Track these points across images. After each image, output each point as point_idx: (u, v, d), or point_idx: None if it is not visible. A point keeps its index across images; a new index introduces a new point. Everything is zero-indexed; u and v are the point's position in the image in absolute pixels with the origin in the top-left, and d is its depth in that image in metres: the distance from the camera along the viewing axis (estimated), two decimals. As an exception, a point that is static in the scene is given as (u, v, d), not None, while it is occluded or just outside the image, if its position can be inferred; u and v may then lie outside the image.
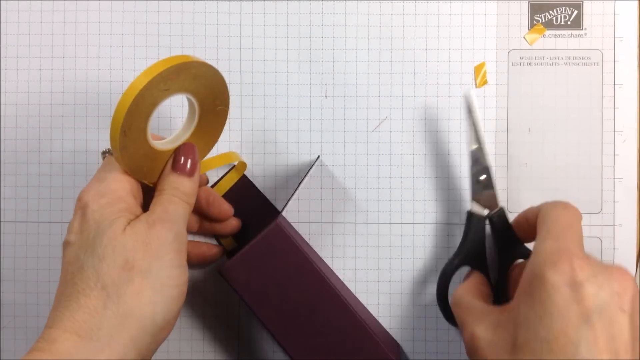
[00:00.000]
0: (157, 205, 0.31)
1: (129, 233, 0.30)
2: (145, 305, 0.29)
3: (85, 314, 0.28)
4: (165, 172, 0.33)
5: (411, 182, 0.41)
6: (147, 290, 0.29)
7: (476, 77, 0.41)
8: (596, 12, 0.41)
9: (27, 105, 0.41)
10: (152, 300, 0.29)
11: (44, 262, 0.41)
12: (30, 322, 0.41)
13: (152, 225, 0.30)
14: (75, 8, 0.41)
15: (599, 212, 0.41)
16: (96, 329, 0.28)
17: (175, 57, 0.30)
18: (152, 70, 0.29)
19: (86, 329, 0.28)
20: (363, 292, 0.41)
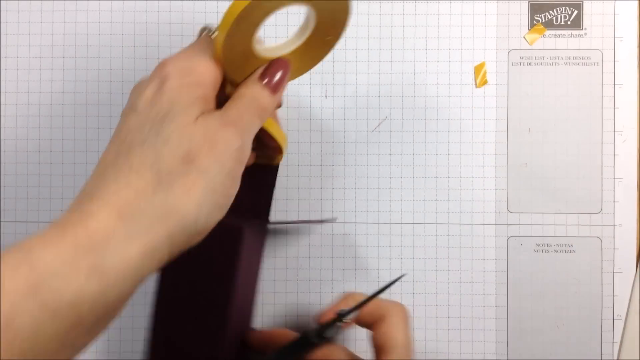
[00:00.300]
0: (232, 109, 0.29)
1: (200, 125, 0.27)
2: (192, 204, 0.26)
3: (132, 194, 0.25)
4: (251, 77, 0.31)
5: (411, 182, 0.41)
6: (198, 190, 0.26)
7: (476, 77, 0.41)
8: (596, 12, 0.41)
9: (27, 105, 0.41)
10: (200, 202, 0.27)
11: (44, 262, 0.41)
12: (30, 322, 0.41)
13: (225, 126, 0.28)
14: (75, 8, 0.41)
15: (599, 212, 0.41)
16: (138, 214, 0.25)
17: None
18: None
19: (129, 211, 0.25)
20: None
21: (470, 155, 0.41)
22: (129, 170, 0.26)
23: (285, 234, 0.41)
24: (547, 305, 0.41)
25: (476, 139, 0.41)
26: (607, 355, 0.40)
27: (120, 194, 0.25)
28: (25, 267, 0.22)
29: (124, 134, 0.27)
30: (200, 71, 0.28)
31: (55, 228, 0.24)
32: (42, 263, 0.23)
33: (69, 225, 0.24)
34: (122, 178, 0.26)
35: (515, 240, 0.41)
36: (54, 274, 0.23)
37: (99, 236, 0.24)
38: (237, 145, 0.28)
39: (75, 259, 0.23)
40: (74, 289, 0.23)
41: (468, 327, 0.41)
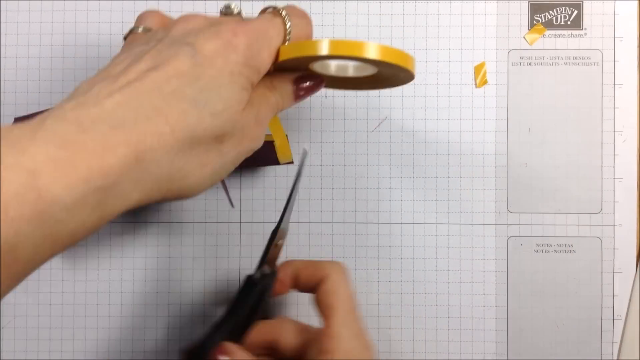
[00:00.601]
0: (263, 106, 0.29)
1: (244, 116, 0.27)
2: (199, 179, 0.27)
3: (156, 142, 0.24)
4: (288, 76, 0.31)
5: (411, 182, 0.41)
6: (209, 169, 0.27)
7: (476, 77, 0.41)
8: (596, 12, 0.41)
9: (26, 105, 0.41)
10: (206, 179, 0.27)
11: (44, 262, 0.41)
12: (30, 322, 0.41)
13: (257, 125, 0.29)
14: (75, 8, 0.41)
15: (599, 212, 0.41)
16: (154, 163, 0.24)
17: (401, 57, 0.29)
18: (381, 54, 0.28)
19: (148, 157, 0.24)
20: (363, 292, 0.41)
21: (470, 155, 0.41)
22: (164, 121, 0.24)
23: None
24: (547, 305, 0.41)
25: (476, 139, 0.41)
26: (607, 355, 0.40)
27: (146, 138, 0.24)
28: (33, 194, 0.21)
29: (171, 70, 0.25)
30: (264, 58, 0.28)
31: (64, 145, 0.22)
32: (51, 194, 0.21)
33: (81, 149, 0.22)
34: (155, 124, 0.24)
35: (515, 240, 0.41)
36: (62, 207, 0.22)
37: (113, 175, 0.23)
38: (257, 146, 0.29)
39: (84, 196, 0.22)
40: (77, 221, 0.22)
41: (468, 327, 0.41)
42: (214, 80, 0.26)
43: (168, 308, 0.41)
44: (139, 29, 0.31)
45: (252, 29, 0.27)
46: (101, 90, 0.24)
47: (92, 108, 0.23)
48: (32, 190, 0.21)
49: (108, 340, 0.41)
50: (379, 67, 0.30)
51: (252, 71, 0.27)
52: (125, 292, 0.41)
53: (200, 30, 0.27)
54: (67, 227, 0.22)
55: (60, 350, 0.41)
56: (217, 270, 0.41)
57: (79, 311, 0.41)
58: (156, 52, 0.26)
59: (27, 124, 0.22)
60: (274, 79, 0.30)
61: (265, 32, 0.28)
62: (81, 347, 0.41)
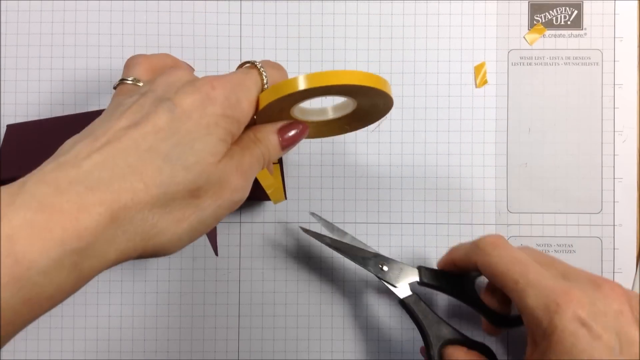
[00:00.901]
0: (246, 157, 0.29)
1: (220, 169, 0.27)
2: (176, 235, 0.27)
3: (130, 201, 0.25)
4: (271, 128, 0.31)
5: (411, 182, 0.41)
6: (187, 224, 0.27)
7: (476, 77, 0.41)
8: (596, 12, 0.41)
9: (26, 105, 0.41)
10: (183, 235, 0.27)
11: (44, 262, 0.41)
12: (30, 322, 0.41)
13: (239, 176, 0.28)
14: (75, 8, 0.41)
15: (599, 212, 0.41)
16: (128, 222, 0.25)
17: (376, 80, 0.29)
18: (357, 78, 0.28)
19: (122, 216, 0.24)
20: (363, 292, 0.41)
21: (470, 155, 0.41)
22: (138, 178, 0.25)
23: (286, 234, 0.41)
24: (547, 305, 0.41)
25: (476, 139, 0.41)
26: (607, 355, 0.40)
27: (120, 196, 0.24)
28: (10, 260, 0.22)
29: (150, 127, 0.26)
30: (243, 107, 0.28)
31: (41, 208, 0.23)
32: (28, 260, 0.22)
33: (56, 212, 0.23)
34: (129, 182, 0.25)
35: (515, 240, 0.41)
36: (38, 271, 0.22)
37: (87, 236, 0.23)
38: (239, 198, 0.29)
39: (61, 258, 0.23)
40: (55, 284, 0.23)
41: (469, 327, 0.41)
42: (189, 134, 0.26)
43: (168, 308, 0.41)
44: (127, 80, 0.31)
45: (229, 81, 0.28)
46: (81, 150, 0.25)
47: (70, 169, 0.24)
48: (9, 256, 0.21)
49: (108, 340, 0.41)
50: (356, 97, 0.31)
51: (231, 122, 0.28)
52: (125, 292, 0.41)
53: (181, 84, 0.28)
54: (45, 290, 0.23)
55: (60, 350, 0.41)
56: (217, 270, 0.41)
57: (79, 311, 0.41)
58: (138, 108, 0.27)
59: (9, 187, 0.23)
60: (257, 131, 0.31)
61: (242, 83, 0.29)
62: (81, 347, 0.41)
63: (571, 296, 0.29)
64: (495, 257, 0.32)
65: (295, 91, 0.28)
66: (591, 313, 0.28)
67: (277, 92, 0.29)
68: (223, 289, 0.41)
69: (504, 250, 0.32)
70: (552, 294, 0.29)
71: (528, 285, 0.30)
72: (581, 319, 0.28)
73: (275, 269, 0.41)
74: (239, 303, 0.41)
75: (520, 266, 0.31)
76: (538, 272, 0.31)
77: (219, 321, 0.41)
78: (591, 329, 0.28)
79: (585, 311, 0.28)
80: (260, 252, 0.41)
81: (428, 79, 0.41)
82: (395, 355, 0.41)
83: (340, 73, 0.28)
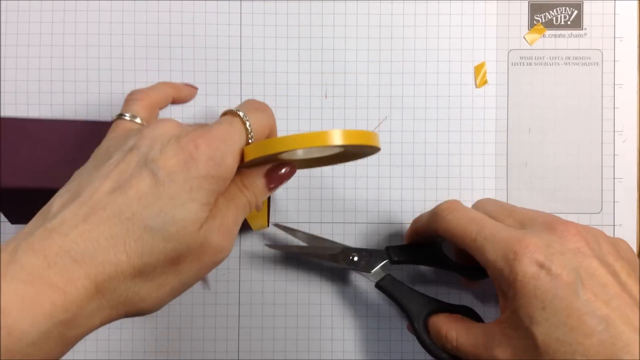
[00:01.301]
0: (231, 211, 0.30)
1: (201, 235, 0.28)
2: (157, 300, 0.28)
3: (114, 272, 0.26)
4: (258, 171, 0.31)
5: (411, 182, 0.41)
6: (168, 288, 0.28)
7: (476, 77, 0.41)
8: (596, 12, 0.41)
9: (26, 104, 0.41)
10: (164, 299, 0.28)
11: (44, 262, 0.41)
12: (30, 322, 0.41)
13: (221, 235, 0.29)
14: (75, 8, 0.41)
15: (599, 212, 0.41)
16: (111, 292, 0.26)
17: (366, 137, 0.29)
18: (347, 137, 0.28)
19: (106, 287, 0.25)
20: (363, 292, 0.41)
21: (470, 155, 0.41)
22: (121, 248, 0.26)
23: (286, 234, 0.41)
24: (547, 305, 0.41)
25: (476, 139, 0.41)
26: (607, 355, 0.40)
27: (104, 268, 0.25)
28: (3, 332, 0.23)
29: (133, 193, 0.26)
30: (227, 164, 0.28)
31: (31, 281, 0.24)
32: (19, 332, 0.23)
33: (46, 286, 0.24)
34: (113, 253, 0.25)
35: (515, 240, 0.41)
36: (28, 343, 0.23)
37: (74, 309, 0.24)
38: (222, 258, 0.29)
39: (50, 330, 0.24)
40: (43, 353, 0.24)
41: (468, 327, 0.41)
42: (172, 200, 0.26)
43: (168, 308, 0.41)
44: (125, 116, 0.32)
45: (213, 137, 0.28)
46: (66, 217, 0.26)
47: (57, 238, 0.25)
48: (3, 328, 0.23)
49: (108, 341, 0.41)
50: (345, 147, 0.30)
51: (216, 181, 0.28)
52: (125, 292, 0.41)
53: (166, 140, 0.28)
54: (33, 359, 0.24)
55: (60, 350, 0.41)
56: (217, 270, 0.41)
57: (79, 311, 0.41)
58: (124, 167, 0.27)
59: (1, 253, 0.24)
60: (243, 177, 0.31)
61: (226, 138, 0.28)
62: (81, 347, 0.41)
63: (527, 242, 0.30)
64: (452, 220, 0.33)
65: (282, 151, 0.28)
66: (548, 254, 0.29)
67: (263, 150, 0.29)
68: (223, 289, 0.41)
69: (460, 212, 0.33)
70: (508, 245, 0.30)
71: (485, 241, 0.31)
72: (539, 261, 0.29)
73: (275, 269, 0.41)
74: (239, 303, 0.41)
75: (475, 224, 0.32)
76: (493, 227, 0.32)
77: (219, 321, 0.41)
78: (550, 269, 0.29)
79: (542, 254, 0.29)
80: (261, 252, 0.41)
81: (428, 79, 0.41)
82: (395, 355, 0.41)
83: (328, 134, 0.28)
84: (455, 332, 0.33)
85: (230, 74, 0.41)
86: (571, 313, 0.28)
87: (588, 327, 0.27)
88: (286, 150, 0.28)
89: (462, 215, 0.33)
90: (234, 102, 0.41)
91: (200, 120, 0.41)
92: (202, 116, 0.41)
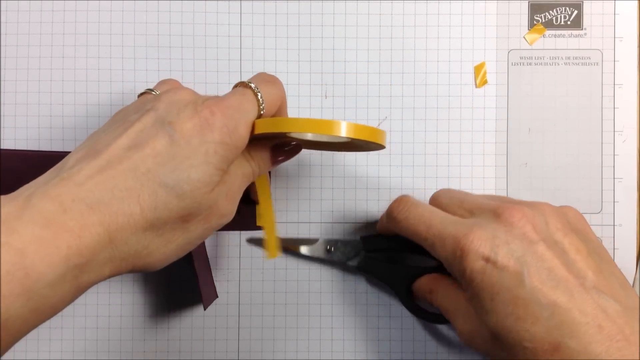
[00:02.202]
0: (237, 179, 0.31)
1: (212, 197, 0.28)
2: (164, 255, 0.28)
3: (126, 224, 0.26)
4: (266, 143, 0.32)
5: (411, 182, 0.41)
6: (174, 245, 0.29)
7: (476, 77, 0.41)
8: (596, 12, 0.41)
9: (26, 105, 0.41)
10: (170, 255, 0.29)
11: (44, 262, 0.41)
12: (30, 322, 0.41)
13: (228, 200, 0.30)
14: (75, 8, 0.41)
15: (599, 212, 0.41)
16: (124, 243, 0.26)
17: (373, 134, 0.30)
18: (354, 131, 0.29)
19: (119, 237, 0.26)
20: (363, 292, 0.41)
21: (470, 155, 0.41)
22: (135, 201, 0.26)
23: (286, 234, 0.41)
24: (547, 305, 0.41)
25: (476, 139, 0.41)
26: (607, 355, 0.40)
27: (118, 218, 0.26)
28: (21, 272, 0.23)
29: (149, 150, 0.27)
30: (240, 133, 0.29)
31: (48, 224, 0.24)
32: (37, 273, 0.23)
33: (62, 229, 0.24)
34: (127, 204, 0.26)
35: (515, 240, 0.41)
36: (45, 284, 0.24)
37: (88, 254, 0.25)
38: (226, 221, 0.31)
39: (65, 273, 0.24)
40: (58, 295, 0.25)
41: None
42: (187, 160, 0.27)
43: (168, 308, 0.41)
44: (152, 91, 0.33)
45: (228, 106, 0.29)
46: (83, 167, 0.26)
47: (73, 187, 0.26)
48: (21, 269, 0.23)
49: (108, 340, 0.41)
50: (352, 140, 0.31)
51: (229, 149, 0.29)
52: (125, 292, 0.41)
53: (183, 105, 0.29)
54: (49, 301, 0.25)
55: (60, 350, 0.41)
56: (218, 270, 0.41)
57: (79, 311, 0.41)
58: (140, 127, 0.28)
59: (13, 200, 0.25)
60: (251, 148, 0.32)
61: (239, 108, 0.29)
62: (81, 347, 0.41)
63: (472, 237, 0.30)
64: (402, 221, 0.34)
65: (290, 132, 0.29)
66: (493, 247, 0.29)
67: (273, 127, 0.29)
68: (223, 289, 0.41)
69: (408, 212, 0.34)
70: (455, 241, 0.31)
71: (435, 238, 0.32)
72: (484, 256, 0.29)
73: (275, 269, 0.41)
74: (239, 303, 0.41)
75: (424, 222, 0.33)
76: (441, 222, 0.32)
77: (219, 321, 0.41)
78: (495, 262, 0.29)
79: (487, 247, 0.30)
80: (261, 253, 0.41)
81: (428, 79, 0.41)
82: (395, 355, 0.41)
83: (337, 125, 0.29)
84: (436, 292, 0.35)
85: (230, 74, 0.41)
86: (517, 302, 0.28)
87: (533, 315, 0.28)
88: (296, 132, 0.29)
89: (411, 214, 0.34)
90: (234, 102, 0.41)
91: (200, 120, 0.41)
92: (202, 116, 0.41)
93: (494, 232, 0.30)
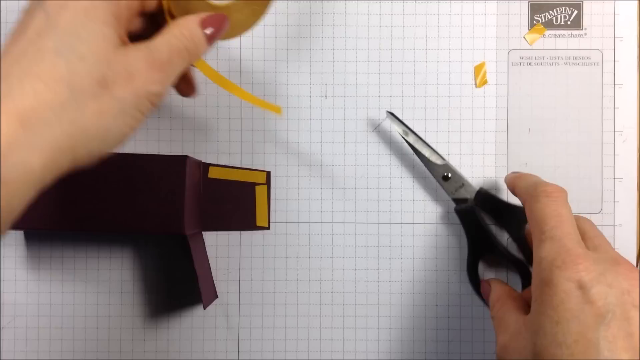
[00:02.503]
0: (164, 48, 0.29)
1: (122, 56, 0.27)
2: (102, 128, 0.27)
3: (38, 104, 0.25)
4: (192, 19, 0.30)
5: (411, 182, 0.41)
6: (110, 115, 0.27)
7: (476, 77, 0.41)
8: (596, 12, 0.41)
9: (27, 105, 0.41)
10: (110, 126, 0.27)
11: (45, 261, 0.41)
12: (30, 322, 0.41)
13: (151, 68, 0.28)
14: (75, 8, 0.41)
15: (599, 212, 0.41)
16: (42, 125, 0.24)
17: None
18: None
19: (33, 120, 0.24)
20: (363, 292, 0.41)
21: (470, 155, 0.41)
22: (36, 78, 0.25)
23: (286, 234, 0.41)
24: (547, 305, 0.41)
25: (476, 139, 0.41)
26: (607, 355, 0.40)
27: (24, 102, 0.24)
28: None
29: (31, 32, 0.26)
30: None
31: None
32: None
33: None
34: (28, 85, 0.25)
35: (515, 240, 0.41)
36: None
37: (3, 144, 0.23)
38: (157, 90, 0.28)
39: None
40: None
41: (468, 327, 0.41)
42: (71, 24, 0.26)
43: (168, 308, 0.41)
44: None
45: None
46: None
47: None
48: None
49: (108, 340, 0.41)
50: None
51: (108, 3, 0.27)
52: (125, 293, 0.41)
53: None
54: None
55: (60, 350, 0.41)
56: (218, 270, 0.41)
57: (79, 311, 0.41)
58: (21, 21, 0.27)
59: None
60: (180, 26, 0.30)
61: None
62: (81, 347, 0.41)
63: (580, 260, 0.29)
64: (541, 204, 0.32)
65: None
66: (595, 280, 0.28)
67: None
68: (223, 289, 0.41)
69: (552, 202, 0.32)
70: (564, 253, 0.29)
71: (550, 238, 0.31)
72: (580, 281, 0.28)
73: (275, 269, 0.41)
74: (239, 303, 0.41)
75: (555, 220, 0.31)
76: (567, 232, 0.31)
77: (219, 321, 0.41)
78: (587, 292, 0.28)
79: (589, 276, 0.28)
80: (261, 252, 0.41)
81: (428, 79, 0.41)
82: (396, 355, 0.41)
83: None
84: (501, 302, 0.35)
85: (230, 74, 0.41)
86: (580, 340, 0.27)
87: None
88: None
89: (552, 206, 0.32)
90: (235, 102, 0.41)
91: (201, 121, 0.41)
92: (203, 116, 0.41)
93: (605, 271, 0.29)
